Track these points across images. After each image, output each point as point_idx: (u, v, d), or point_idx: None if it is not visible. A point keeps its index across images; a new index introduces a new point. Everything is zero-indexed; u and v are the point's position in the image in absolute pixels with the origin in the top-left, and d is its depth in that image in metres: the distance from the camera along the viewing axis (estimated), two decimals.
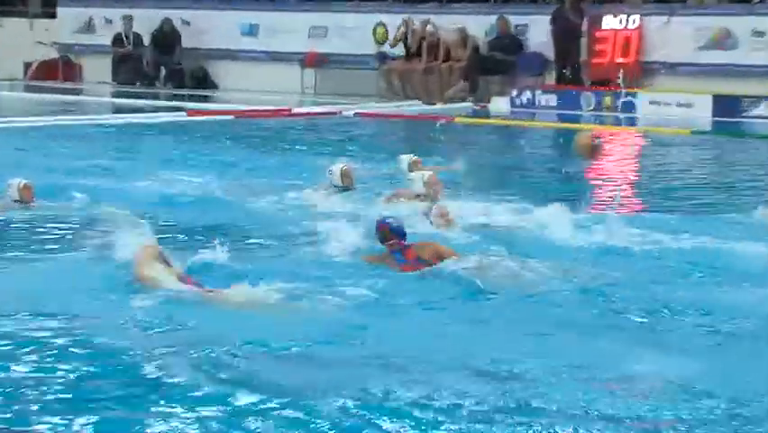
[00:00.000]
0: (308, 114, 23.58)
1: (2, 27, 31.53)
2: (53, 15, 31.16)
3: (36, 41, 30.58)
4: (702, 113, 22.79)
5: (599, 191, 14.26)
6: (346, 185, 13.04)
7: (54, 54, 30.60)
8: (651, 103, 23.50)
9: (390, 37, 26.73)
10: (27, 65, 30.41)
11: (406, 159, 14.02)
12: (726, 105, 22.70)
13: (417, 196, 11.99)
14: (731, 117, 22.39)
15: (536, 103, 24.28)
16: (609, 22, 24.60)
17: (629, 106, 23.43)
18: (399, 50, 26.61)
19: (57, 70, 30.32)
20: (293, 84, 27.52)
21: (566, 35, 24.75)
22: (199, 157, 16.80)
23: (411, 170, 13.49)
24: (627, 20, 24.45)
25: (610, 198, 13.12)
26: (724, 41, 23.80)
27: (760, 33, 23.48)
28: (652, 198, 14.14)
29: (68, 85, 29.38)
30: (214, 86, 28.79)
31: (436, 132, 19.35)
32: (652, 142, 20.20)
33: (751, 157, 18.63)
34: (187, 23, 29.12)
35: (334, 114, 23.24)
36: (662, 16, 24.38)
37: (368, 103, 24.92)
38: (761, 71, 23.24)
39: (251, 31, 28.70)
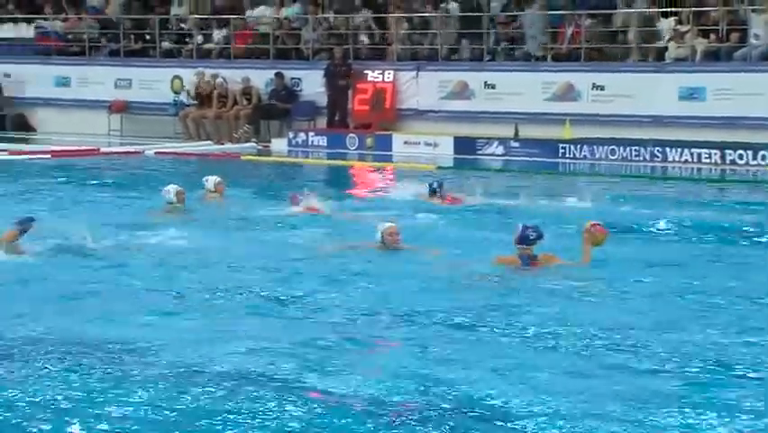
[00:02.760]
0: (115, 153, 23.57)
1: None
2: None
3: None
4: (446, 151, 23.35)
5: None
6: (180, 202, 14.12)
7: None
8: (404, 143, 24.04)
9: (185, 88, 26.90)
10: None
11: (211, 180, 15.08)
12: (464, 145, 23.31)
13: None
14: (469, 155, 22.98)
15: (310, 143, 24.79)
16: (370, 76, 25.32)
17: (386, 146, 24.05)
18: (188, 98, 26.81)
19: None
20: (101, 128, 27.57)
21: (337, 86, 25.36)
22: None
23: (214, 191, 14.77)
24: (384, 74, 25.27)
25: None
26: (463, 91, 24.67)
27: (491, 86, 24.36)
28: None
29: None
30: (32, 130, 28.62)
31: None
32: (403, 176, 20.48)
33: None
34: (8, 75, 28.91)
35: (138, 153, 23.30)
36: (412, 71, 25.20)
37: (166, 143, 25.07)
38: (492, 117, 24.03)
39: (65, 82, 28.67)
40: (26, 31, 29.97)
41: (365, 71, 25.46)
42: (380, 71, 25.35)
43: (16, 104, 28.99)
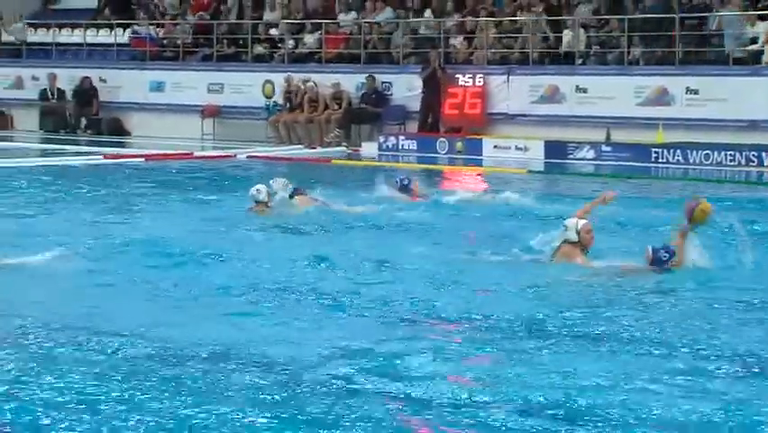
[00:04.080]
0: (208, 157, 23.19)
1: None
2: None
3: None
4: (536, 155, 22.60)
5: None
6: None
7: None
8: (494, 147, 23.30)
9: (276, 92, 26.43)
10: None
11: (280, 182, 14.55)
12: (555, 149, 22.58)
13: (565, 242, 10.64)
14: (560, 159, 22.25)
15: (400, 147, 24.09)
16: (461, 80, 24.47)
17: (476, 150, 23.27)
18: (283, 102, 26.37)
19: None
20: (194, 132, 27.05)
21: (430, 90, 24.58)
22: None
23: (292, 196, 14.19)
24: (474, 78, 24.40)
25: None
26: (554, 95, 23.81)
27: (583, 90, 23.42)
28: None
29: (1, 133, 28.63)
30: (127, 134, 28.26)
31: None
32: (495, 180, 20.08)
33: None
34: (104, 80, 28.60)
35: (230, 157, 22.87)
36: (503, 76, 24.35)
37: (258, 147, 24.56)
38: (583, 121, 23.19)
39: (159, 87, 28.26)
40: (122, 36, 29.66)
41: (456, 75, 24.61)
42: (471, 75, 24.46)
43: (111, 108, 28.67)
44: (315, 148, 24.72)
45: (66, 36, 30.12)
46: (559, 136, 22.99)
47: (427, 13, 26.18)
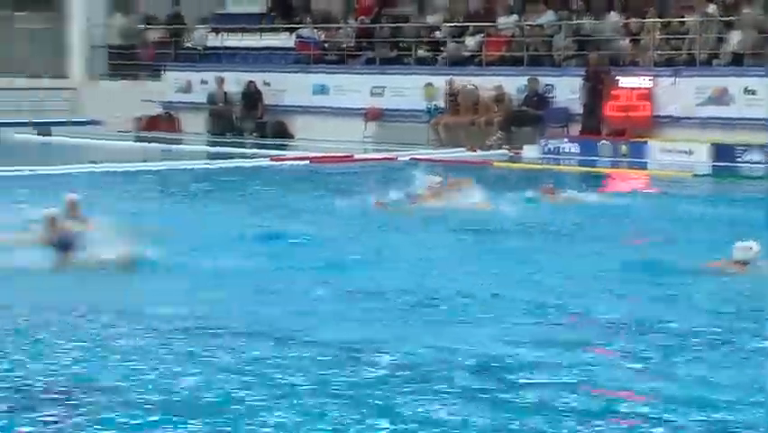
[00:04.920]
0: (370, 159, 23.06)
1: (117, 87, 31.30)
2: (158, 78, 30.91)
3: (144, 99, 30.23)
4: (702, 158, 21.74)
5: None
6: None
7: (159, 110, 30.34)
8: (660, 150, 22.42)
9: (438, 95, 26.07)
10: (137, 119, 30.10)
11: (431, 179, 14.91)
12: (722, 152, 21.61)
13: (737, 263, 10.44)
14: (727, 162, 21.36)
15: (562, 150, 23.37)
16: (626, 81, 23.63)
17: (641, 153, 22.43)
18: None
19: (161, 123, 30.06)
20: (356, 135, 26.85)
21: (592, 92, 23.87)
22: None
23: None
24: (641, 80, 23.50)
25: None
26: (721, 97, 22.76)
27: (752, 92, 22.37)
28: None
29: (170, 135, 29.03)
30: (290, 136, 28.24)
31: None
32: (659, 183, 19.57)
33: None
34: (268, 84, 28.64)
35: (392, 159, 22.65)
36: (670, 77, 23.41)
37: (419, 150, 24.19)
38: (752, 124, 22.13)
39: (322, 90, 28.16)
40: (286, 40, 29.62)
41: (620, 77, 23.76)
42: (636, 77, 23.60)
43: (276, 111, 28.70)
44: (476, 150, 24.17)
45: (233, 40, 30.37)
46: (726, 139, 22.04)
47: (613, 15, 25.24)
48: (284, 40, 29.45)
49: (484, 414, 6.20)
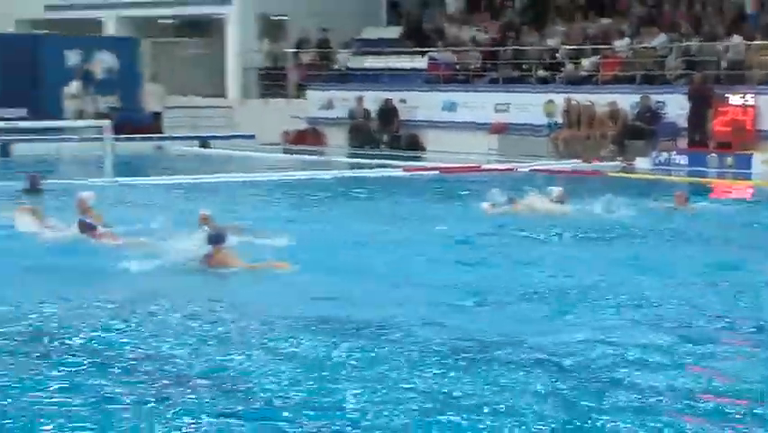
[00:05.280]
0: (494, 169, 23.66)
1: (267, 105, 32.52)
2: (303, 96, 31.98)
3: (291, 115, 31.36)
4: None
5: None
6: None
7: (305, 125, 31.35)
8: (762, 162, 23.05)
9: (557, 111, 26.92)
10: (285, 133, 31.19)
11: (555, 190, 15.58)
12: None
13: None
14: None
15: (672, 162, 24.12)
16: (732, 98, 24.37)
17: (745, 165, 23.18)
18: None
19: (307, 137, 31.08)
20: (481, 147, 27.80)
21: (700, 107, 24.54)
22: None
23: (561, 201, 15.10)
24: (746, 97, 24.26)
25: None
26: None
27: None
28: None
29: (315, 148, 29.91)
30: (422, 149, 29.27)
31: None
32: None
33: None
34: (404, 101, 29.76)
35: (513, 170, 23.29)
36: None
37: (539, 161, 24.96)
38: None
39: (451, 107, 29.20)
40: (419, 62, 30.63)
41: (726, 95, 24.46)
42: (742, 94, 24.28)
43: (410, 126, 29.69)
44: (591, 162, 24.88)
45: (371, 62, 31.32)
46: None
47: (735, 38, 25.66)
48: (416, 62, 30.46)
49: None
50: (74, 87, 26.18)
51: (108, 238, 12.21)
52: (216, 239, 10.68)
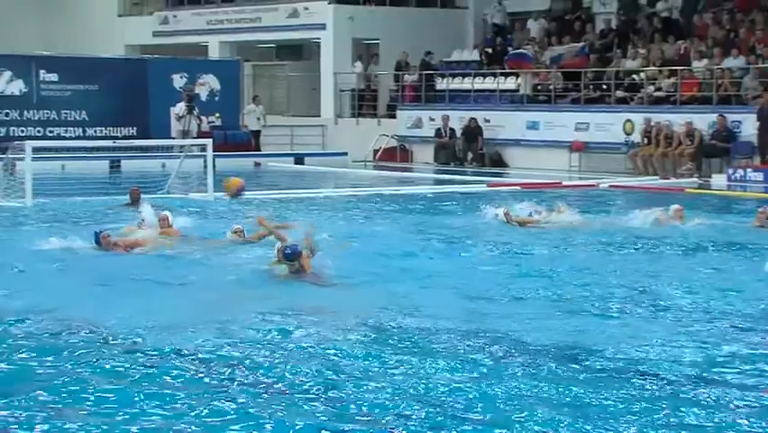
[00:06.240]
0: (575, 186, 23.80)
1: (359, 125, 33.11)
2: (393, 116, 32.45)
3: (381, 134, 31.83)
4: None
5: None
6: None
7: (394, 143, 31.73)
8: None
9: (635, 131, 26.94)
10: (375, 151, 31.62)
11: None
12: None
13: None
14: None
15: (747, 178, 24.11)
16: None
17: None
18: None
19: (396, 154, 31.51)
20: (562, 164, 28.04)
21: (766, 129, 24.52)
22: None
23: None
24: None
25: None
26: None
27: None
28: None
29: (403, 165, 30.41)
30: (506, 166, 29.45)
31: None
32: None
33: None
34: (488, 120, 29.98)
35: (594, 186, 23.45)
36: None
37: (618, 178, 25.06)
38: None
39: (534, 126, 29.41)
40: (503, 83, 30.78)
41: None
42: None
43: (493, 144, 29.91)
44: (669, 179, 24.98)
45: (457, 84, 31.65)
46: None
47: None
48: (501, 83, 30.64)
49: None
50: (179, 107, 26.90)
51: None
52: (293, 255, 10.54)
